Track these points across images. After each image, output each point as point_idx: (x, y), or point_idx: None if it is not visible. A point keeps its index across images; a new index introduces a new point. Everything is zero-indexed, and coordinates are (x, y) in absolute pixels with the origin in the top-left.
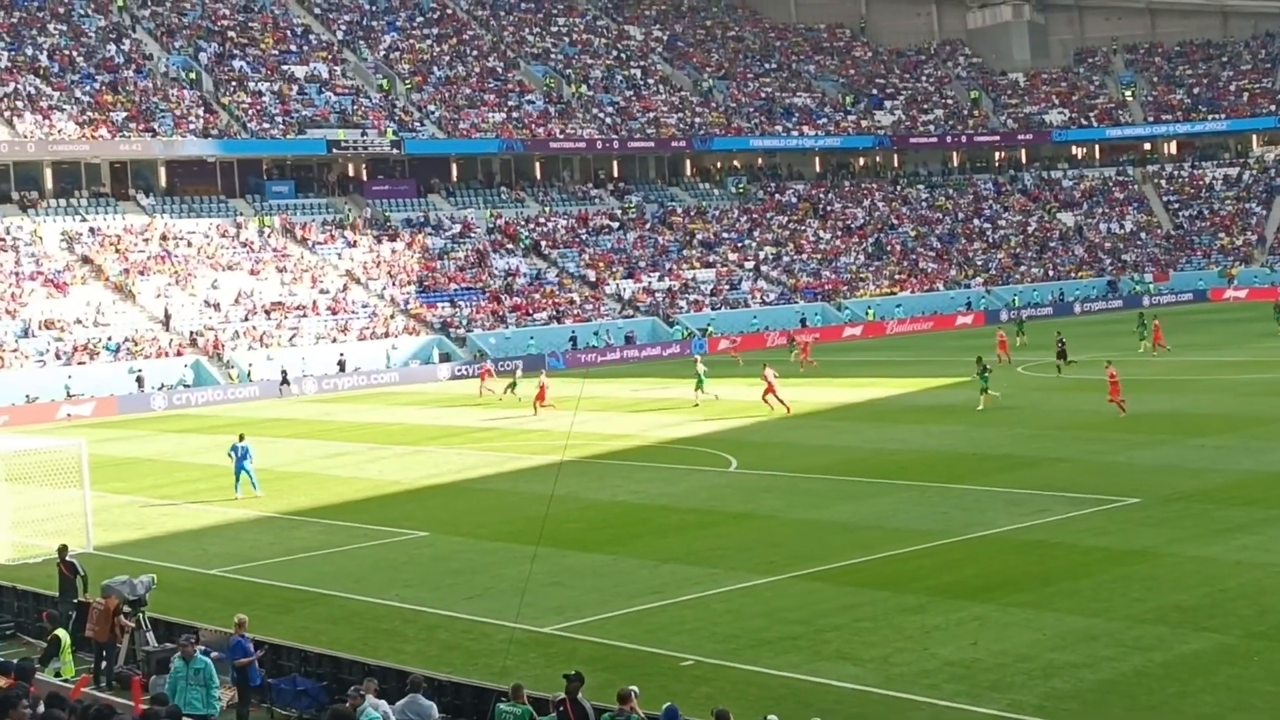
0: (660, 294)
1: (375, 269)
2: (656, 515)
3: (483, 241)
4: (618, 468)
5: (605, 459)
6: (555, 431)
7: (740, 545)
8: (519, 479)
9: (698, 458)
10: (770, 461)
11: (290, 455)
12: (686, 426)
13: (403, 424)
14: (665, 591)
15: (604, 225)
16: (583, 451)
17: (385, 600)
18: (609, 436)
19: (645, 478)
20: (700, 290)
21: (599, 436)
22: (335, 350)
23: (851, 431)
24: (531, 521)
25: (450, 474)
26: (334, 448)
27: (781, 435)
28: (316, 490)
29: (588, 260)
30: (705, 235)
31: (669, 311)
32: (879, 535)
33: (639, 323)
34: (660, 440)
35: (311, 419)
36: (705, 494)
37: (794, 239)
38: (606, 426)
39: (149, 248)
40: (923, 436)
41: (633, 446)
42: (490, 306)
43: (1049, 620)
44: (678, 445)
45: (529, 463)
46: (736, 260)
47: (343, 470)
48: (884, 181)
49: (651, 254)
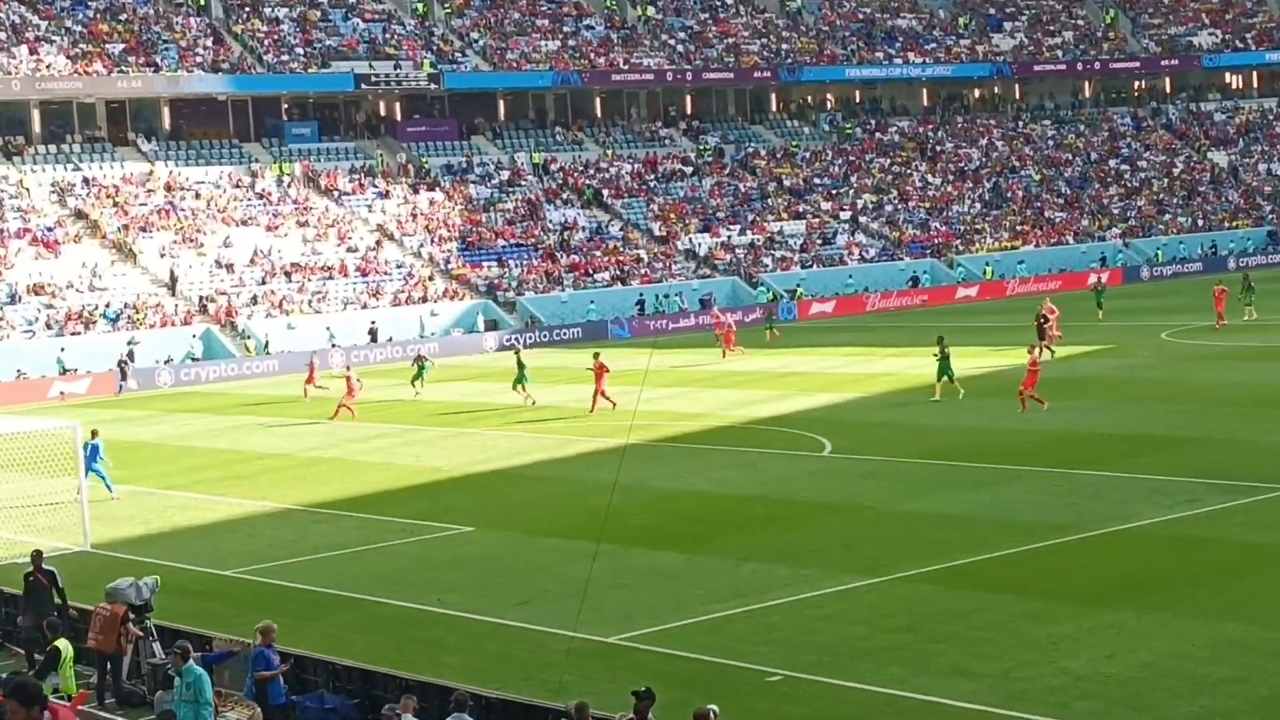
0: (741, 250)
1: (411, 223)
2: (738, 507)
3: (535, 190)
4: (692, 452)
5: (676, 442)
6: (617, 410)
7: (837, 541)
8: (577, 465)
9: (785, 440)
10: (871, 444)
11: (314, 439)
12: (771, 404)
13: (443, 401)
14: (749, 595)
15: (675, 170)
16: (650, 433)
17: (425, 606)
18: (680, 416)
19: (724, 463)
20: (788, 245)
21: (668, 416)
22: (365, 318)
23: (966, 409)
24: (593, 514)
25: (498, 459)
26: (365, 430)
27: (884, 414)
28: (345, 479)
29: (656, 211)
30: (793, 181)
31: (751, 270)
32: (998, 530)
33: (717, 284)
34: (741, 420)
35: (338, 397)
36: (795, 482)
37: (898, 185)
38: (677, 404)
39: (151, 200)
40: (1049, 414)
41: (708, 428)
42: (544, 266)
43: (1197, 628)
44: (762, 425)
45: (588, 446)
46: (830, 210)
47: (374, 455)
48: (1003, 117)
49: (731, 203)
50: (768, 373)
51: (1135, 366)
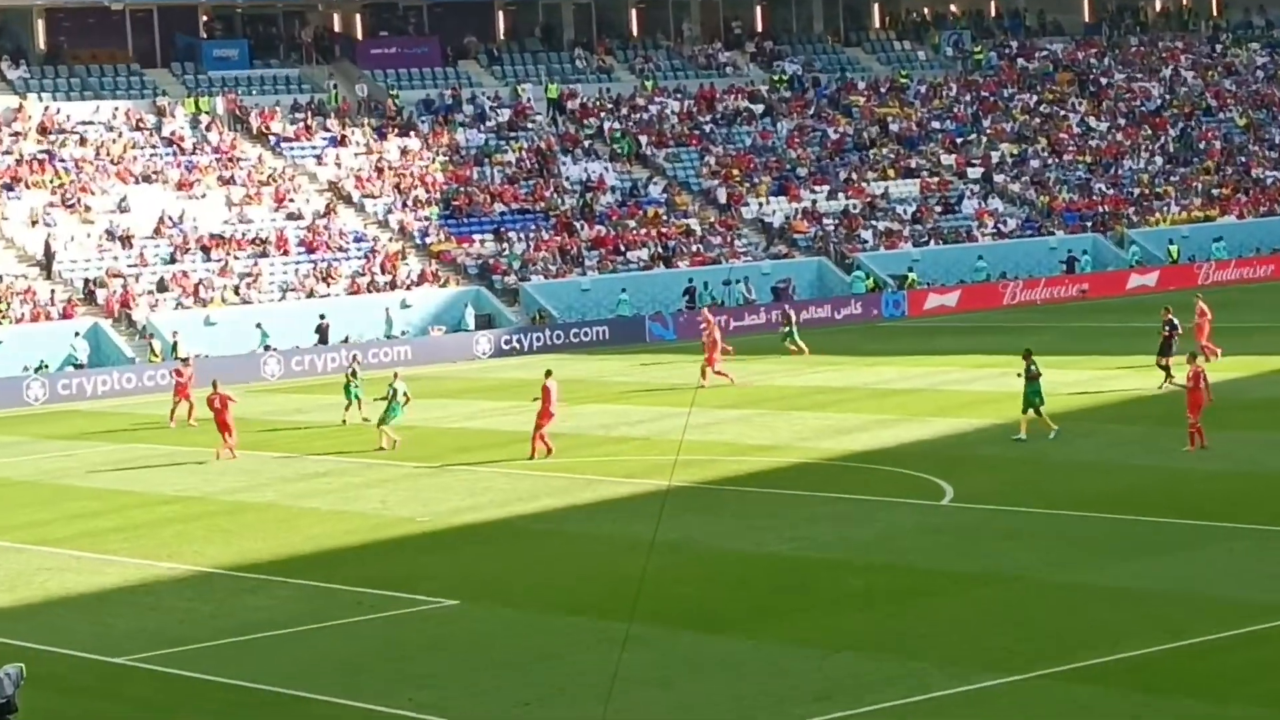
0: (832, 220)
1: (375, 181)
2: (824, 575)
3: (546, 136)
4: (759, 499)
5: (739, 484)
6: (657, 439)
7: (962, 624)
8: (601, 515)
9: (890, 483)
10: (1008, 490)
11: (240, 477)
12: (869, 432)
13: (417, 427)
14: (839, 697)
15: (740, 110)
16: (703, 472)
17: (393, 708)
18: (745, 448)
19: (805, 515)
20: (896, 214)
21: (728, 448)
22: (312, 311)
23: (1138, 441)
24: (622, 584)
25: (492, 507)
26: (308, 465)
27: (1023, 447)
28: (282, 532)
29: (713, 166)
30: (903, 125)
31: (845, 248)
32: (1187, 610)
33: (797, 266)
34: (828, 454)
35: (275, 416)
36: (904, 542)
37: (1047, 131)
38: (740, 431)
39: (19, 147)
40: (1260, 449)
41: (783, 464)
42: (557, 240)
43: None
44: (856, 462)
45: (616, 489)
46: (954, 166)
47: (323, 499)
48: (1195, 38)
49: (817, 156)
50: (864, 389)
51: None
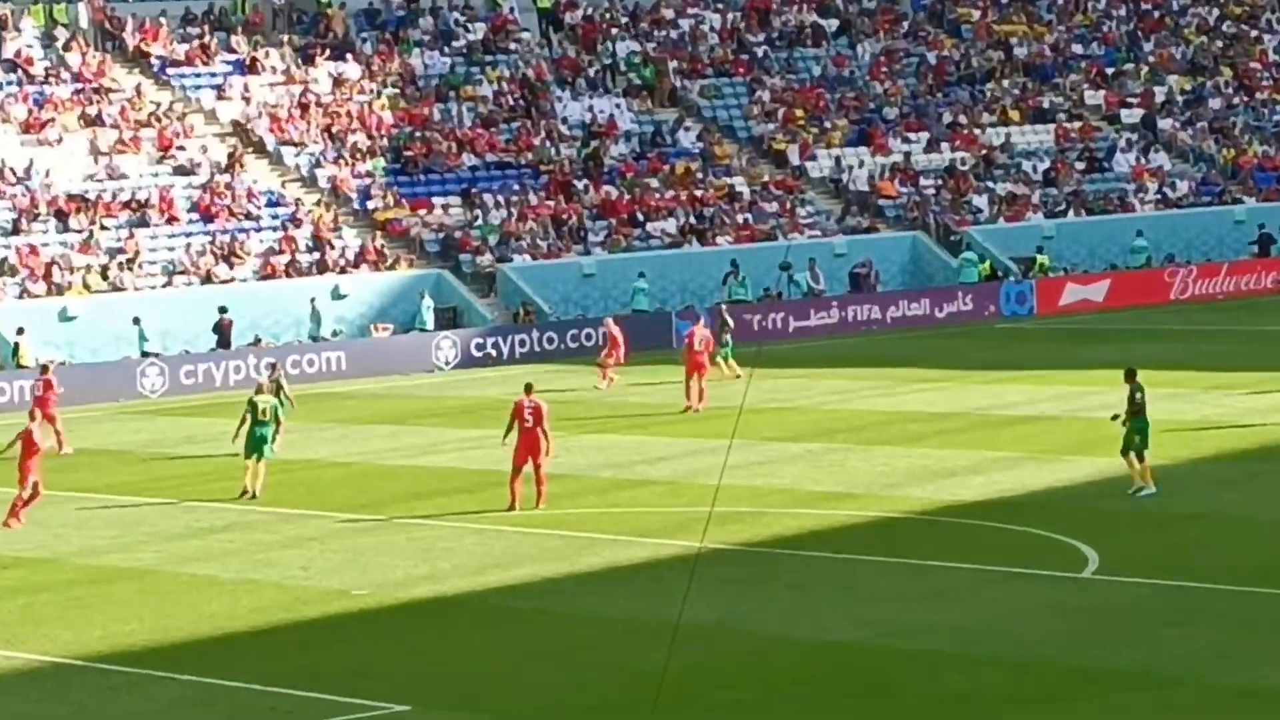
0: (932, 181)
1: (298, 123)
2: (918, 672)
3: (535, 62)
4: (826, 567)
5: (795, 546)
6: (685, 483)
7: None
8: (606, 588)
9: (1010, 546)
10: (1172, 557)
11: (106, 527)
12: (978, 475)
13: (355, 463)
14: None
15: (805, 27)
16: (745, 529)
17: None
18: (805, 496)
19: (889, 590)
20: (1021, 173)
21: (782, 495)
22: (209, 300)
23: None
24: (637, 683)
25: (457, 576)
26: (202, 516)
27: (1196, 498)
28: (167, 608)
29: (767, 104)
30: (1032, 50)
31: (951, 220)
32: None
33: (881, 244)
34: (921, 504)
35: (156, 448)
36: (1028, 629)
37: (1233, 59)
38: (800, 472)
39: None
40: None
41: (859, 519)
42: (550, 206)
43: None
44: (961, 516)
45: (627, 553)
46: (1102, 107)
47: (223, 564)
48: None
49: (912, 92)
50: (974, 416)
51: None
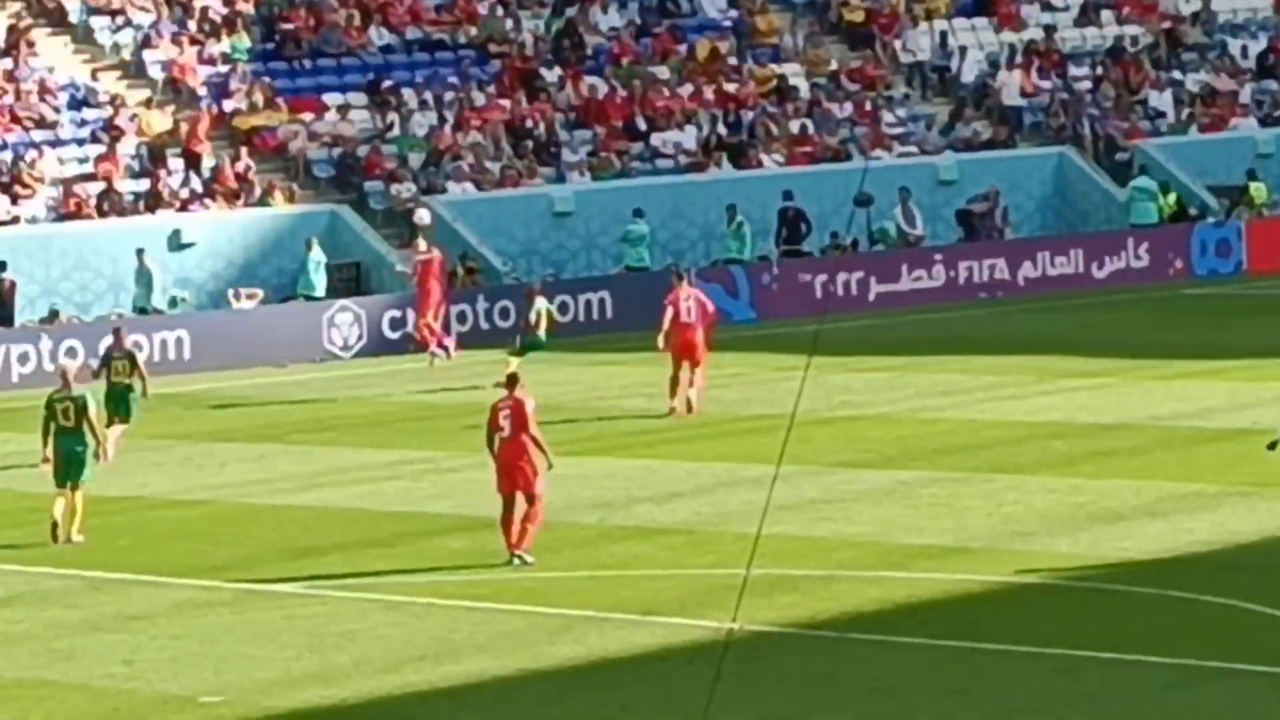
0: (1086, 67)
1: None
2: None
3: None
4: (918, 655)
5: (876, 628)
6: (708, 532)
7: None
8: (584, 693)
9: (1201, 625)
10: None
11: None
12: (1166, 519)
13: (202, 499)
14: None
15: None
16: (802, 602)
17: None
18: (892, 551)
19: (1021, 694)
20: (1220, 57)
21: (857, 550)
22: None
23: None
24: None
25: (358, 675)
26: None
27: None
28: None
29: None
30: None
31: (1113, 129)
32: None
33: (1014, 164)
34: (1062, 564)
35: None
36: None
37: None
38: (883, 516)
39: None
40: None
41: (967, 586)
42: (500, 108)
43: None
44: (1124, 582)
45: (622, 638)
46: None
47: (8, 655)
48: None
49: None
50: (1151, 427)
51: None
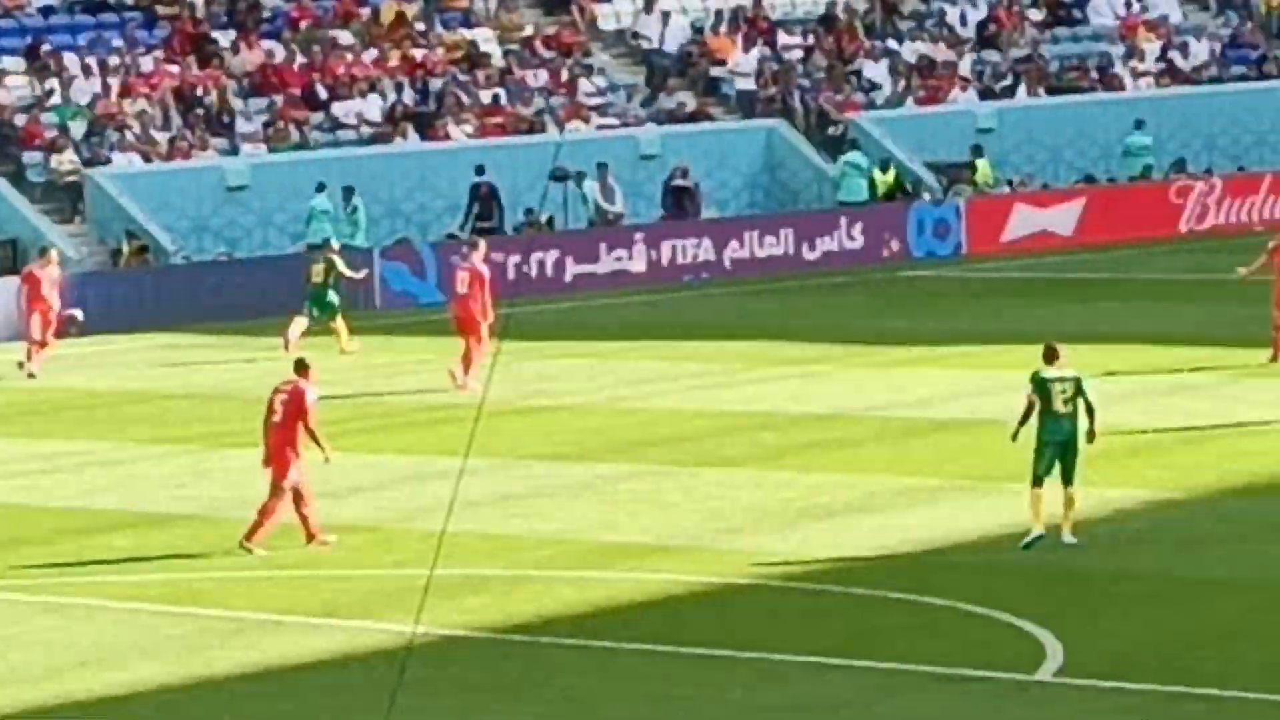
0: (797, 35)
1: None
2: None
3: None
4: (617, 660)
5: (564, 630)
6: (387, 529)
7: None
8: (254, 701)
9: (917, 629)
10: (1186, 646)
11: None
12: (874, 515)
13: None
14: None
15: None
16: (487, 607)
17: None
18: (589, 550)
19: (725, 704)
20: (938, 26)
21: (550, 549)
22: None
23: None
24: None
25: (11, 682)
26: None
27: (1210, 545)
28: None
29: None
30: None
31: (825, 101)
32: None
33: (720, 138)
34: (770, 563)
35: None
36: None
37: None
38: (581, 513)
39: None
40: None
41: (670, 588)
42: (169, 73)
43: None
44: (835, 582)
45: (290, 645)
46: None
47: None
48: None
49: None
50: (862, 418)
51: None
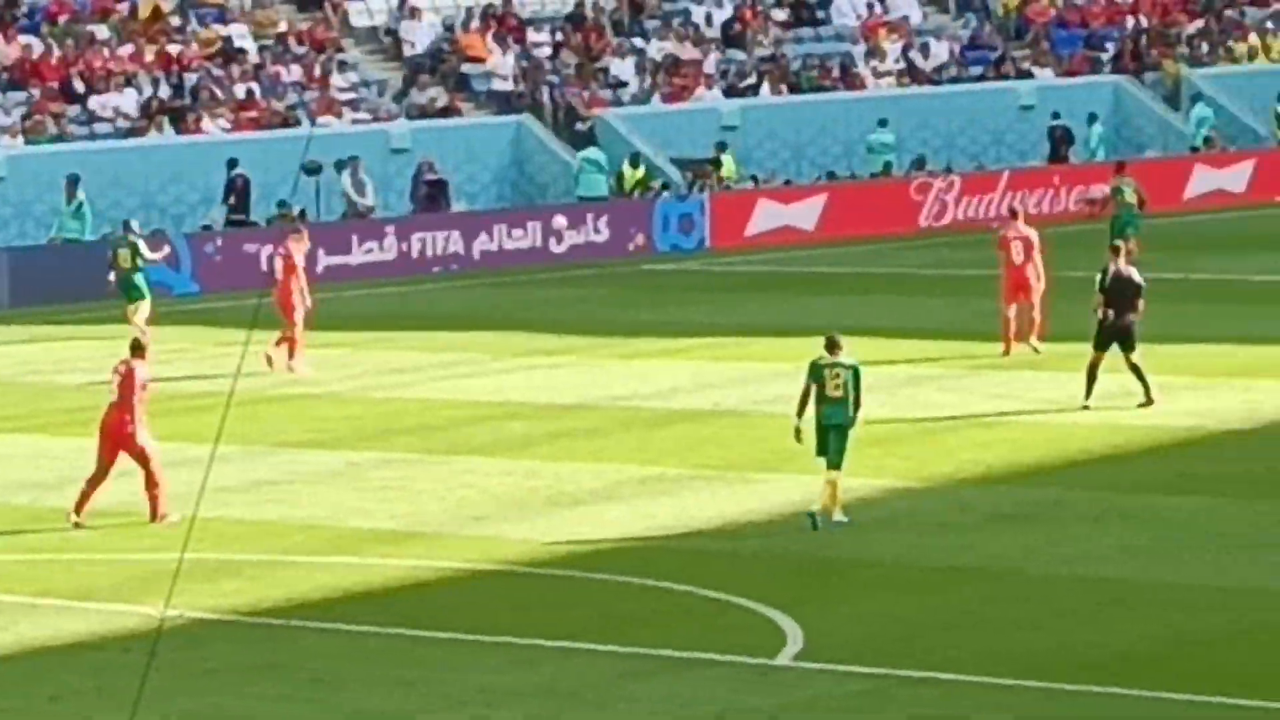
0: (545, 33)
1: None
2: None
3: None
4: (367, 644)
5: (314, 614)
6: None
7: None
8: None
9: (660, 614)
10: (922, 632)
11: None
12: (621, 503)
13: None
14: None
15: None
16: (239, 591)
17: None
18: (329, 533)
19: (469, 684)
20: (683, 24)
21: (296, 531)
22: None
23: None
24: None
25: None
26: None
27: (948, 533)
28: None
29: None
30: None
31: (574, 98)
32: None
33: (470, 133)
34: (516, 550)
35: None
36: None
37: None
38: (334, 502)
39: None
40: None
41: (419, 573)
42: None
43: None
44: (581, 568)
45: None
46: None
47: None
48: None
49: None
50: (609, 409)
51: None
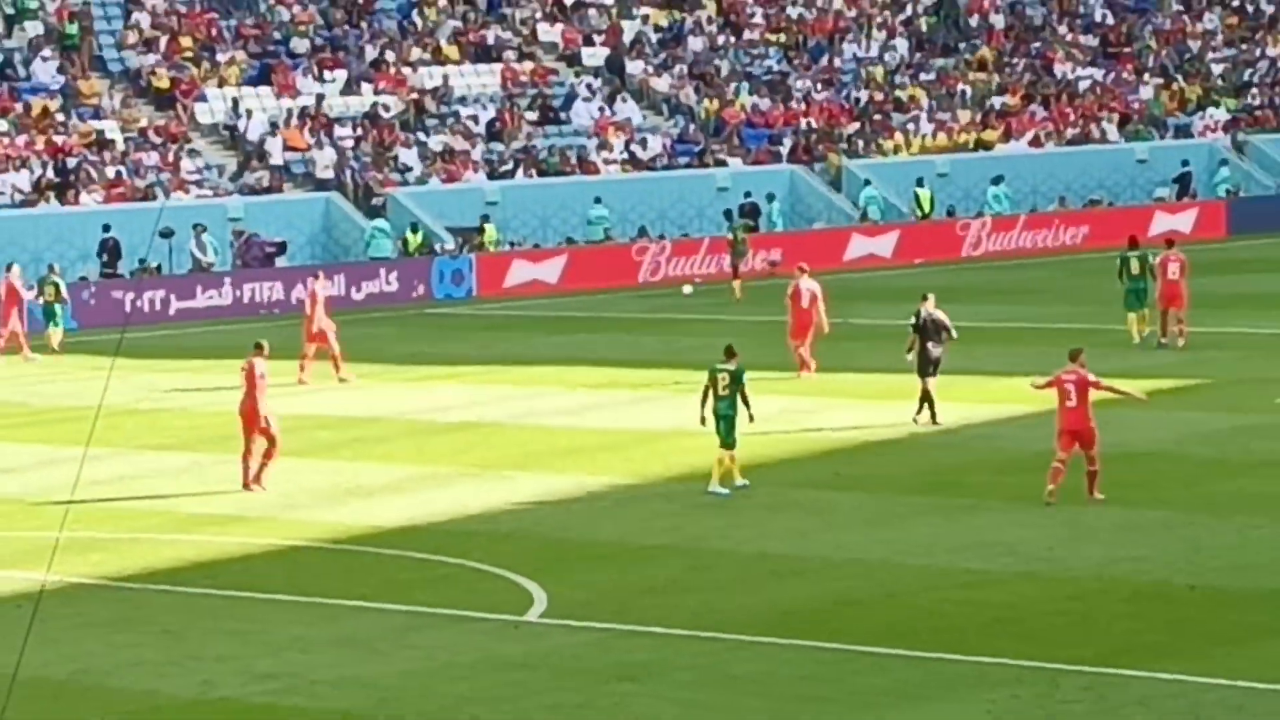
0: (349, 129)
1: None
2: None
3: None
4: (204, 603)
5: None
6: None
7: None
8: None
9: (434, 581)
10: (642, 596)
11: None
12: (408, 494)
13: None
14: None
15: None
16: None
17: None
18: (175, 517)
19: (286, 636)
20: (457, 123)
21: (150, 516)
22: None
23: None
24: None
25: None
26: None
27: (662, 519)
28: None
29: (146, 30)
30: None
31: (371, 179)
32: None
33: (288, 206)
34: (322, 531)
35: None
36: (464, 688)
37: None
38: (170, 489)
39: None
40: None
41: (246, 548)
42: None
43: None
44: (372, 545)
45: None
46: (556, 43)
47: None
48: None
49: (324, 19)
50: (399, 422)
51: None
